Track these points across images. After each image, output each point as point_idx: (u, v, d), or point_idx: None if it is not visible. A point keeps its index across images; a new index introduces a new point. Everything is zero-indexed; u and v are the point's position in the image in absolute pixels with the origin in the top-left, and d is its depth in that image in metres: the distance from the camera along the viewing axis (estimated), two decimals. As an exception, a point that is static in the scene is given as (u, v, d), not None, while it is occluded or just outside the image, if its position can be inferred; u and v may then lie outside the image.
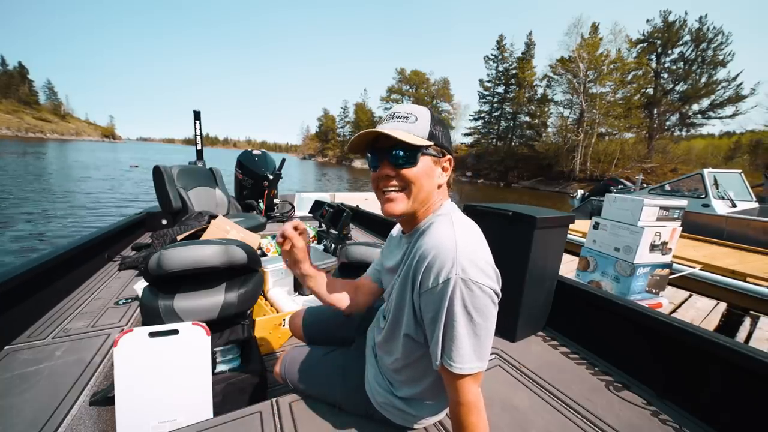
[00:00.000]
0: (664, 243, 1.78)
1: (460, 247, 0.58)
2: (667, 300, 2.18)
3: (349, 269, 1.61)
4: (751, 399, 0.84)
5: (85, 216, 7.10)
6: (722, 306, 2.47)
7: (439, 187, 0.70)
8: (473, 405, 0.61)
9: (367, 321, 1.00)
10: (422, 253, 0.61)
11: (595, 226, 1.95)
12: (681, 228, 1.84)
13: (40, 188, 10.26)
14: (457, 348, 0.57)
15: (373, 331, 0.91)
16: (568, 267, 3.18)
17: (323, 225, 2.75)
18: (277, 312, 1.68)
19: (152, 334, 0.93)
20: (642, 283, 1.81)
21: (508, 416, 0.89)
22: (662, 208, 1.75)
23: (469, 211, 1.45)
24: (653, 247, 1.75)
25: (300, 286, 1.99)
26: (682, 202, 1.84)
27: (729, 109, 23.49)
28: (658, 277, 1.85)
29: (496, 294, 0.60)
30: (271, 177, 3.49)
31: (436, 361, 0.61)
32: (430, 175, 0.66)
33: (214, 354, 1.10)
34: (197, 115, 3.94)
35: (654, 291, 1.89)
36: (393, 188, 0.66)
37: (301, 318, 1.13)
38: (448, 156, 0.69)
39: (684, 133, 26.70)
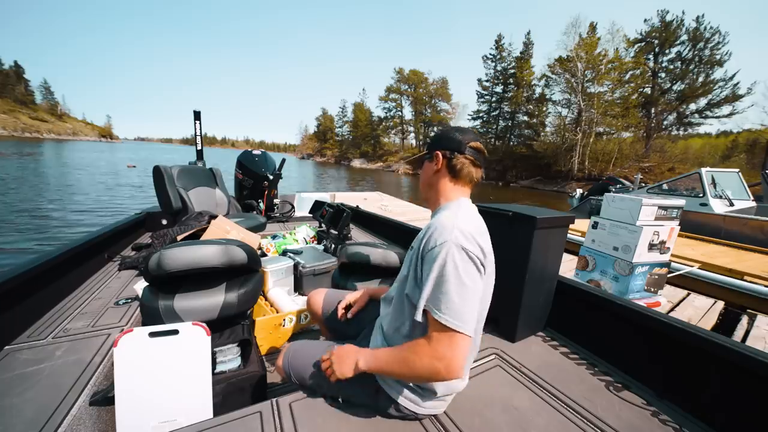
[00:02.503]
0: (663, 242, 1.79)
1: (457, 224, 0.74)
2: (665, 299, 2.19)
3: (350, 269, 1.61)
4: (751, 399, 0.85)
5: (75, 223, 6.80)
6: (720, 304, 2.48)
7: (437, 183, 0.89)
8: (443, 366, 0.68)
9: (374, 313, 1.04)
10: (429, 228, 0.79)
11: (594, 226, 1.95)
12: (679, 227, 1.84)
13: (32, 190, 10.03)
14: (446, 301, 0.69)
15: (382, 319, 0.94)
16: (567, 266, 3.18)
17: (323, 225, 2.75)
18: (277, 312, 1.68)
19: (152, 334, 0.93)
20: (641, 282, 1.81)
21: (508, 416, 0.89)
22: (660, 207, 1.75)
23: None
24: (652, 247, 1.76)
25: (300, 287, 1.99)
26: (680, 202, 1.85)
27: (726, 109, 23.57)
28: (656, 276, 1.87)
29: (483, 265, 0.74)
30: (271, 177, 3.48)
31: (420, 310, 0.73)
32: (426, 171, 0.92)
33: (214, 354, 1.10)
34: (197, 116, 3.92)
35: (652, 290, 1.90)
36: None
37: (322, 296, 1.19)
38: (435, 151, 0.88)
39: (681, 133, 26.84)
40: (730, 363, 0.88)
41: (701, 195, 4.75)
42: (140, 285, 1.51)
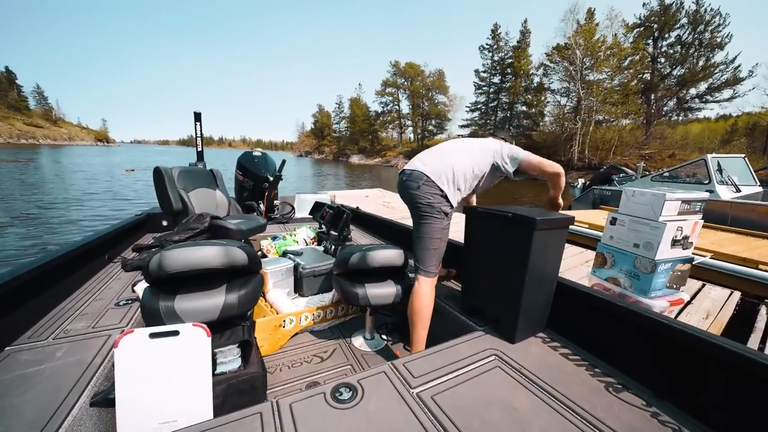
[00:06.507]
0: (686, 237, 1.68)
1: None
2: (687, 294, 2.07)
3: (354, 274, 1.60)
4: (750, 400, 0.85)
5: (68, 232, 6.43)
6: (736, 295, 2.39)
7: None
8: None
9: None
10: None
11: (612, 222, 1.86)
12: (703, 221, 1.78)
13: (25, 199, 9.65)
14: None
15: None
16: (576, 260, 3.13)
17: (323, 226, 2.75)
18: (277, 313, 1.69)
19: (153, 335, 0.94)
20: (663, 279, 1.72)
21: (508, 417, 0.89)
22: (684, 201, 1.67)
23: (469, 213, 1.46)
24: (675, 242, 1.64)
25: (300, 288, 2.00)
26: (704, 195, 1.77)
27: (727, 93, 23.27)
28: (679, 273, 1.76)
29: None
30: (271, 178, 3.47)
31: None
32: None
33: (214, 355, 1.11)
34: (198, 117, 3.90)
35: (675, 286, 1.82)
36: None
37: None
38: None
39: (680, 118, 26.54)
40: (728, 364, 0.88)
41: (707, 181, 4.69)
42: (141, 286, 1.51)
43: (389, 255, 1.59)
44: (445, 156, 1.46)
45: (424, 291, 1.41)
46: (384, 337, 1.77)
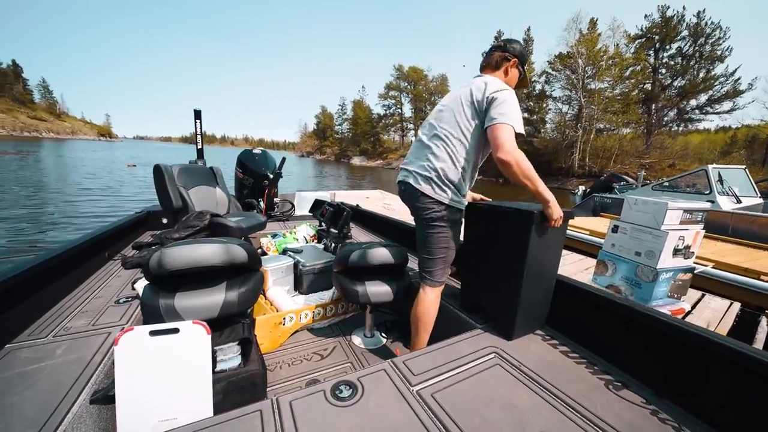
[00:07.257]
0: (687, 247, 1.69)
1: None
2: (688, 304, 2.08)
3: (353, 272, 1.60)
4: (750, 398, 0.85)
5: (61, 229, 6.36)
6: (736, 306, 2.39)
7: None
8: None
9: None
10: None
11: (614, 229, 1.85)
12: (704, 230, 1.78)
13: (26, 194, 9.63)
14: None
15: None
16: (576, 267, 3.15)
17: (323, 224, 2.75)
18: (277, 311, 1.69)
19: (153, 333, 0.93)
20: (664, 288, 1.72)
21: (508, 415, 0.89)
22: (686, 211, 1.68)
23: (468, 209, 1.46)
24: (676, 252, 1.65)
25: (300, 286, 1.99)
26: (706, 205, 1.78)
27: (726, 105, 23.50)
28: (680, 282, 1.77)
29: None
30: (271, 176, 3.48)
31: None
32: None
33: (214, 353, 1.10)
34: (198, 115, 3.91)
35: (676, 296, 1.82)
36: None
37: None
38: None
39: (680, 129, 26.74)
40: (729, 362, 0.88)
41: (707, 192, 4.71)
42: (141, 284, 1.51)
43: (389, 253, 1.59)
44: (432, 155, 1.28)
45: (429, 299, 1.37)
46: (384, 335, 1.77)
